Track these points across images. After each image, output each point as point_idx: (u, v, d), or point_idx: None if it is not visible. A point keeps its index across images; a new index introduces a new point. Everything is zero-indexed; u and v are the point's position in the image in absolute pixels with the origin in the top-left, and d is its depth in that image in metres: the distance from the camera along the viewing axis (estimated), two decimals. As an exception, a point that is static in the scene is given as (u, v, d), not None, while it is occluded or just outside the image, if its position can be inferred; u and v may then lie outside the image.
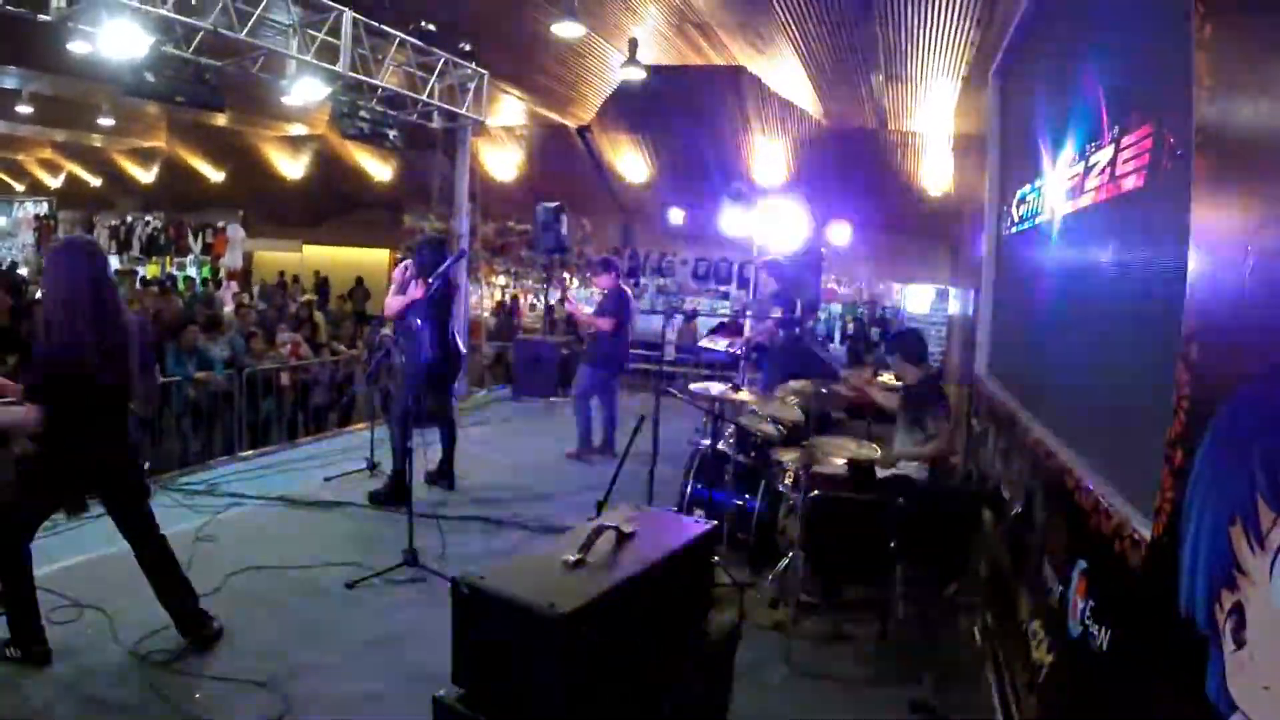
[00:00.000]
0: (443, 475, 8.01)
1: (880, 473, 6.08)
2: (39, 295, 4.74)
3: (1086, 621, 3.11)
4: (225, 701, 4.27)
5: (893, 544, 5.13)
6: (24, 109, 20.25)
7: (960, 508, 5.51)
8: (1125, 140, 3.46)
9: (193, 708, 4.19)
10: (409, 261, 7.62)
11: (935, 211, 16.86)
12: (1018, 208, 6.44)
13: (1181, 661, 2.10)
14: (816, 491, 5.61)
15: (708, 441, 6.84)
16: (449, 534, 6.65)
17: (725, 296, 20.65)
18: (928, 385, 6.24)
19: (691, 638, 2.87)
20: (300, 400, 11.99)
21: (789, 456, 6.02)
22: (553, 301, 16.56)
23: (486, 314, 21.38)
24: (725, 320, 18.54)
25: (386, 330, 8.62)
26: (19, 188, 33.48)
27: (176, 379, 9.81)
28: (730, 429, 6.61)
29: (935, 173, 16.83)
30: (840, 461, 5.99)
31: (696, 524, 2.97)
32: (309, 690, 4.43)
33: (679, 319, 18.69)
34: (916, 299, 19.26)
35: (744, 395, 6.37)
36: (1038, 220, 5.48)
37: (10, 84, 19.09)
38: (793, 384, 7.35)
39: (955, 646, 5.12)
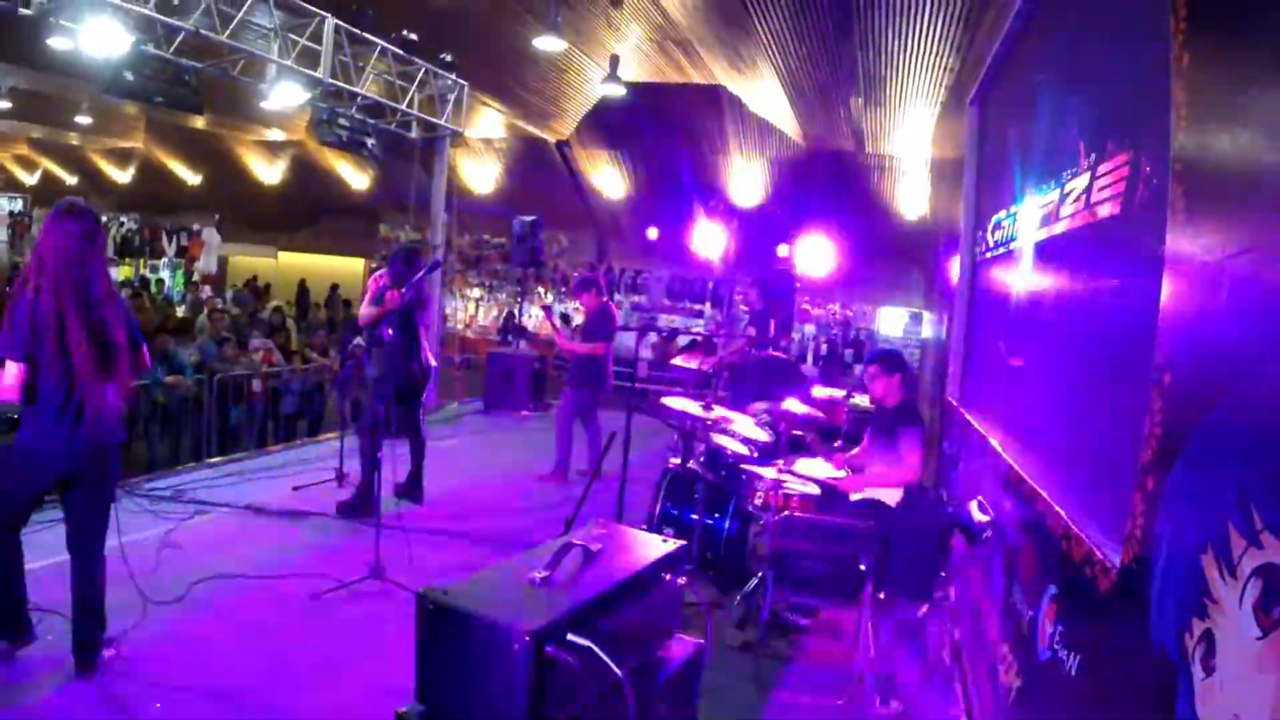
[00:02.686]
0: (412, 488, 7.92)
1: (852, 495, 6.09)
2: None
3: (1056, 646, 3.12)
4: (185, 711, 4.21)
5: (863, 566, 5.12)
6: (1, 103, 20.05)
7: (931, 530, 5.49)
8: (1101, 168, 3.48)
9: (152, 718, 4.12)
10: (383, 271, 7.58)
11: (911, 235, 16.95)
12: (992, 233, 6.48)
13: (1150, 689, 2.10)
14: (786, 512, 5.61)
15: (678, 460, 6.83)
16: (416, 547, 6.57)
17: (699, 315, 20.62)
18: (904, 408, 6.23)
19: (657, 658, 2.84)
20: (271, 408, 11.89)
21: (760, 475, 5.99)
22: (528, 320, 16.50)
23: (461, 327, 21.35)
24: (697, 339, 18.50)
25: (359, 340, 8.57)
26: (-10, 184, 33.26)
27: (145, 382, 9.69)
28: (701, 448, 6.59)
29: (912, 197, 16.94)
30: (811, 482, 6.00)
31: (664, 542, 2.94)
32: (270, 702, 4.37)
33: (652, 336, 18.67)
34: (890, 322, 19.32)
35: (716, 413, 6.34)
36: (1011, 246, 5.52)
37: (-11, 77, 18.96)
38: (760, 404, 7.38)
39: (925, 669, 5.11)
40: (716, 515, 6.35)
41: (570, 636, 2.27)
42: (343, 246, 24.66)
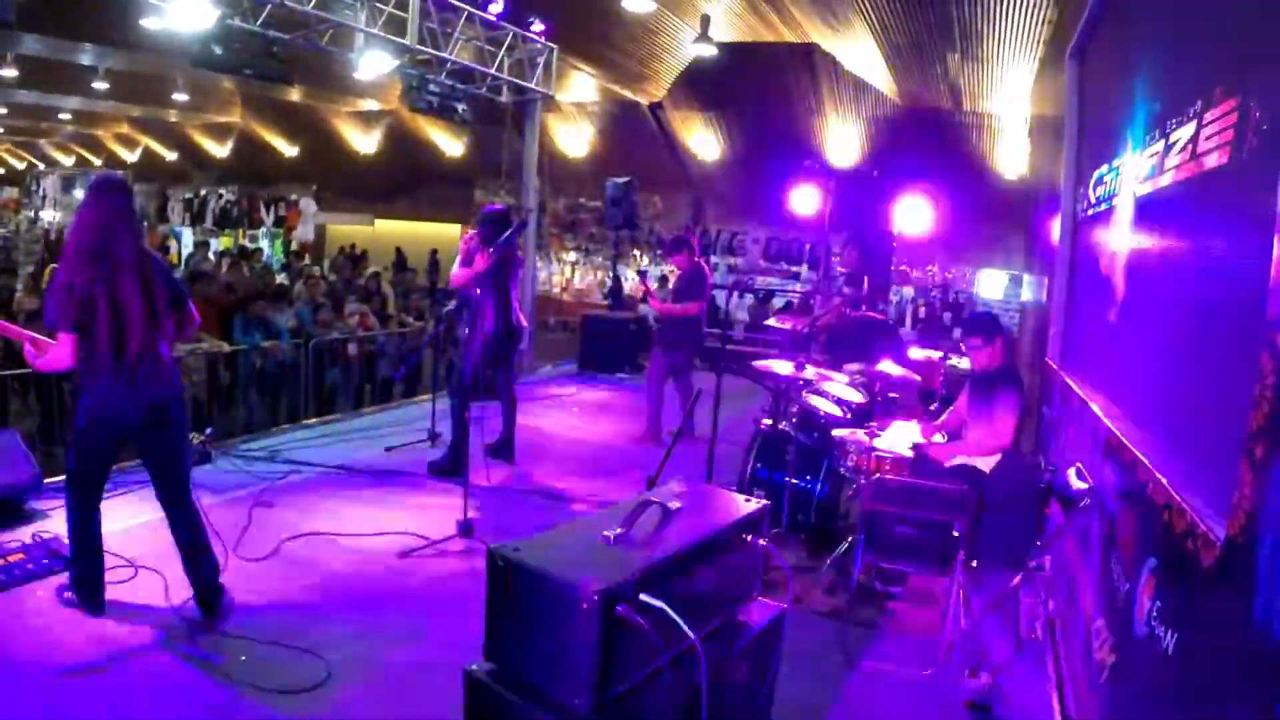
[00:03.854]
0: (503, 448, 7.97)
1: (947, 460, 5.94)
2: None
3: (1153, 622, 2.97)
4: (270, 666, 4.27)
5: (956, 533, 4.98)
6: (100, 85, 20.60)
7: (1027, 497, 5.33)
8: (1209, 115, 3.27)
9: (237, 671, 4.20)
10: (473, 233, 7.59)
11: (1011, 196, 16.49)
12: (1094, 190, 6.26)
13: (1254, 674, 1.97)
14: (879, 475, 5.48)
15: (770, 421, 6.72)
16: (505, 507, 6.64)
17: (795, 276, 20.38)
18: (1003, 371, 6.04)
19: (736, 622, 2.77)
20: (367, 371, 12.06)
21: (853, 438, 5.87)
22: (629, 283, 16.42)
23: (558, 290, 21.40)
24: (793, 300, 18.35)
25: (452, 303, 8.61)
26: (97, 162, 34.33)
27: (243, 348, 9.89)
28: (794, 409, 6.47)
29: (1012, 156, 16.46)
30: (906, 446, 5.86)
31: (747, 502, 2.87)
32: (353, 657, 4.42)
33: (749, 298, 18.51)
34: (990, 284, 18.87)
35: (809, 374, 6.21)
36: (1114, 202, 5.31)
37: (87, 60, 19.41)
38: (854, 365, 7.22)
39: (1016, 641, 4.96)
40: (808, 478, 6.24)
41: (642, 596, 2.21)
42: (439, 213, 24.79)
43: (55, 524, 5.44)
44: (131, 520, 5.69)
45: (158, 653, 4.34)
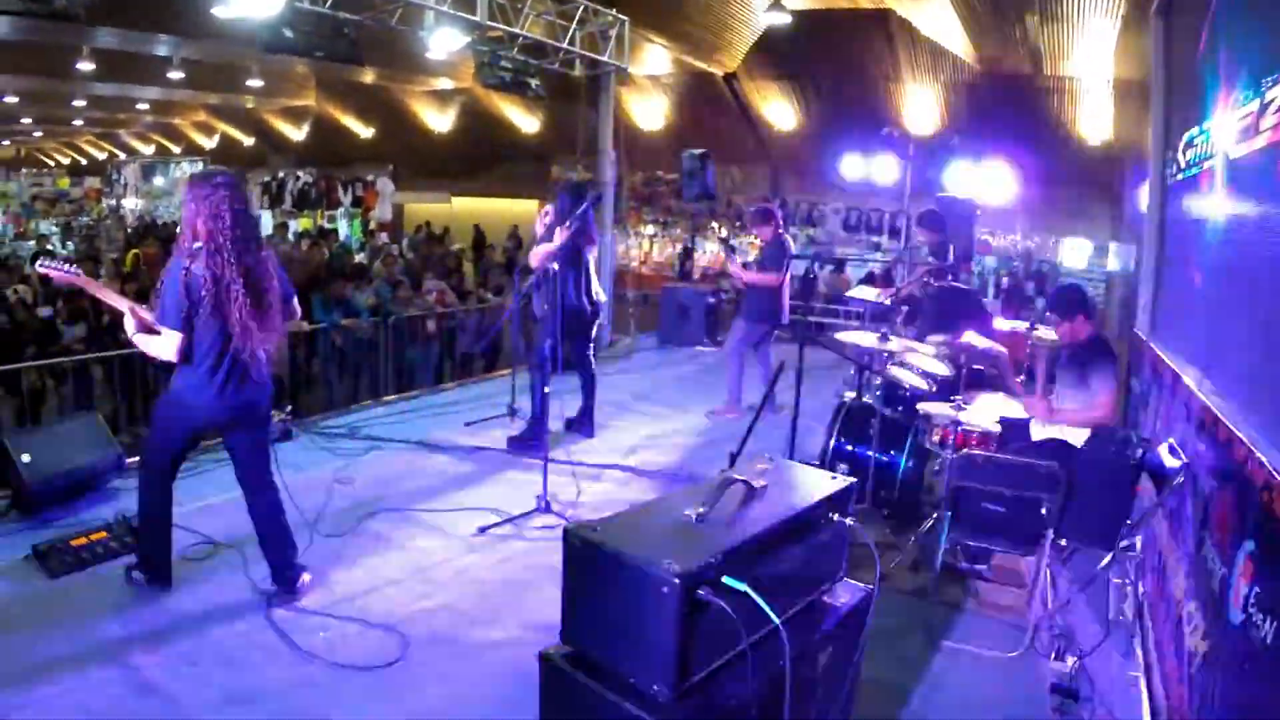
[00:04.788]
0: (582, 423, 7.94)
1: (1035, 433, 5.75)
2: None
3: (1250, 609, 2.82)
4: (347, 641, 4.29)
5: (1045, 510, 4.81)
6: (176, 74, 20.87)
7: (1119, 475, 5.13)
8: None
9: (315, 646, 4.21)
10: (549, 208, 7.54)
11: (1094, 162, 16.03)
12: (1184, 153, 6.02)
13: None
14: (966, 450, 5.32)
15: (853, 394, 6.57)
16: (585, 481, 6.58)
17: (877, 248, 20.08)
18: (1096, 343, 5.81)
19: (821, 604, 2.67)
20: (447, 348, 12.10)
21: (938, 411, 5.70)
22: (706, 255, 16.28)
23: (637, 263, 21.33)
24: (874, 271, 18.08)
25: (531, 278, 8.58)
26: (176, 150, 35.00)
27: (323, 326, 9.96)
28: (878, 382, 6.31)
29: (1094, 120, 15.93)
30: (993, 419, 5.68)
31: (832, 479, 2.75)
32: (430, 634, 4.41)
33: (828, 269, 18.26)
34: (1074, 253, 18.38)
35: (893, 345, 6.05)
36: (1205, 165, 5.06)
37: (162, 51, 19.67)
38: (938, 336, 7.03)
39: (1104, 624, 4.79)
40: (892, 452, 6.07)
41: (725, 579, 2.12)
42: (516, 189, 24.82)
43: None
44: (214, 498, 5.76)
45: (234, 627, 4.38)
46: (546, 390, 6.45)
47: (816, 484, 2.70)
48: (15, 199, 33.51)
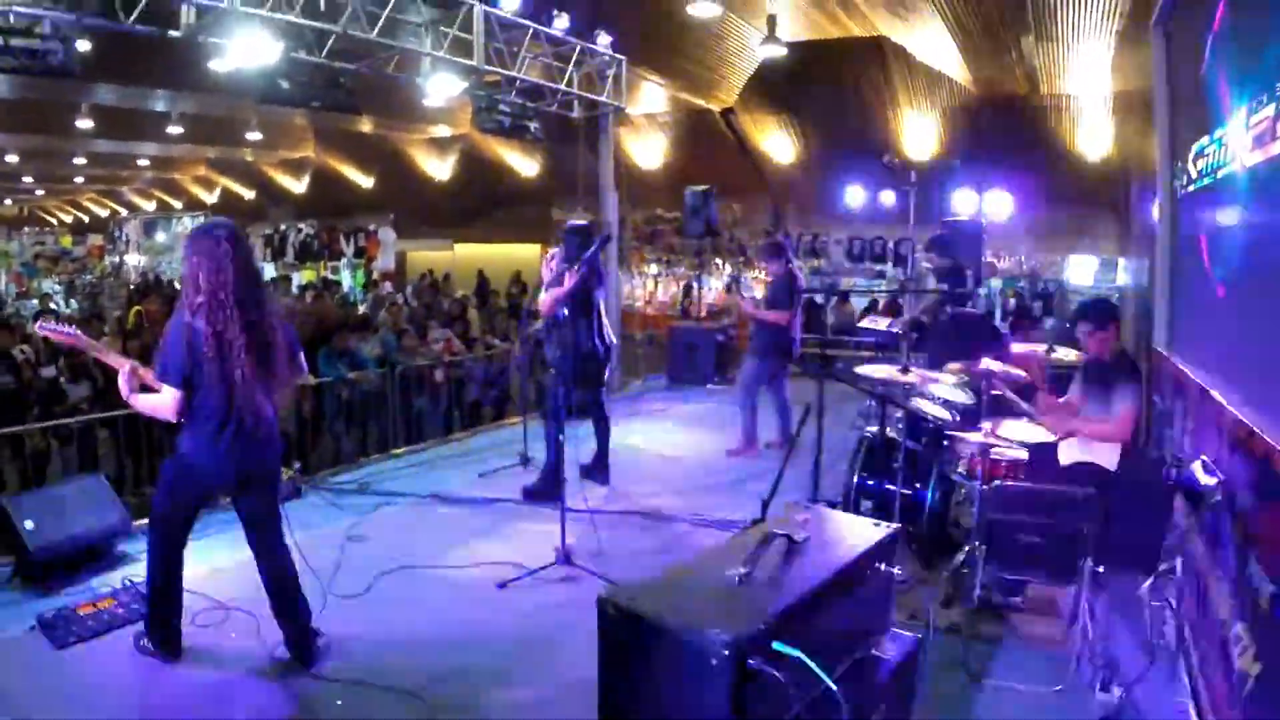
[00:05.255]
0: (598, 469, 7.77)
1: (1064, 459, 5.60)
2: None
3: None
4: (369, 708, 4.12)
5: (1082, 538, 4.65)
6: (175, 129, 20.99)
7: (1155, 497, 4.98)
8: None
9: (332, 715, 4.05)
10: (555, 252, 7.44)
11: (1096, 178, 16.04)
12: (1194, 164, 5.95)
13: None
14: (998, 481, 5.16)
15: (874, 428, 6.42)
16: (604, 530, 6.40)
17: (881, 275, 19.99)
18: (1119, 360, 5.69)
19: (871, 657, 2.51)
20: (455, 397, 11.96)
21: (964, 441, 5.54)
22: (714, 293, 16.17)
23: (641, 303, 21.24)
24: (879, 300, 17.99)
25: (538, 324, 8.46)
26: (177, 205, 35.05)
27: (329, 379, 9.83)
28: (898, 414, 6.16)
29: (1093, 137, 15.96)
30: (1021, 446, 5.53)
31: (874, 527, 2.60)
32: (456, 697, 4.25)
33: (833, 300, 18.15)
34: (1079, 270, 18.28)
35: (912, 377, 5.90)
36: (1220, 174, 4.97)
37: (160, 106, 19.80)
38: (955, 364, 6.88)
39: (1147, 651, 4.61)
40: (918, 486, 5.91)
41: (776, 645, 1.96)
42: (518, 234, 24.77)
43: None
44: (224, 560, 5.58)
45: (249, 697, 4.22)
46: (562, 438, 6.28)
47: (860, 534, 2.54)
48: (17, 258, 33.50)
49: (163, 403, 4.09)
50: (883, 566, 2.47)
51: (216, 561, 5.58)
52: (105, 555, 5.76)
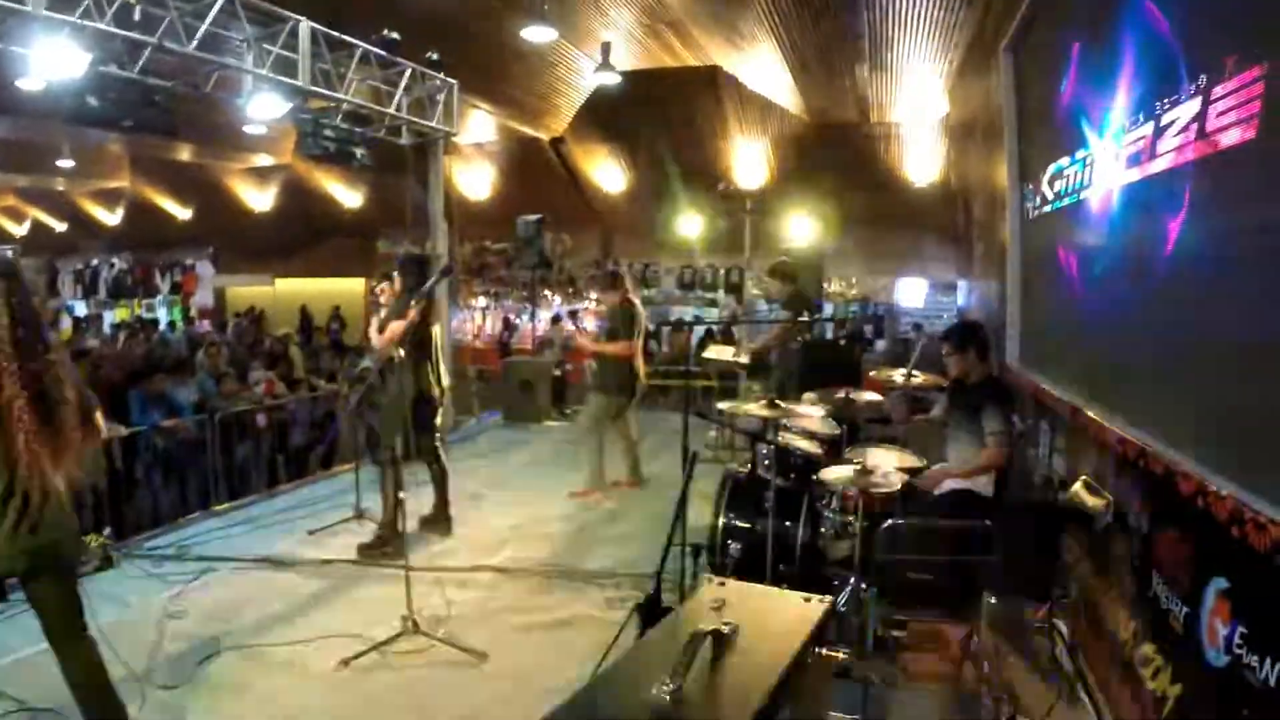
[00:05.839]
0: (439, 519, 7.27)
1: (938, 488, 5.43)
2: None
3: (1238, 650, 2.69)
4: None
5: (976, 570, 4.46)
6: None
7: (1043, 521, 4.85)
8: (1218, 89, 3.11)
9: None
10: (383, 285, 6.95)
11: (925, 202, 16.57)
12: (1049, 185, 6.02)
13: None
14: (872, 513, 4.92)
15: (735, 466, 6.12)
16: (452, 589, 5.92)
17: (713, 304, 20.00)
18: (986, 384, 5.56)
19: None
20: (279, 443, 11.20)
21: (834, 476, 5.28)
22: (543, 325, 15.80)
23: (470, 338, 20.78)
24: (714, 329, 17.95)
25: (367, 362, 7.90)
26: (-18, 238, 32.72)
27: (141, 429, 9.00)
28: (764, 449, 5.85)
29: (920, 162, 16.52)
30: (892, 478, 5.31)
31: (805, 603, 2.24)
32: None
33: (665, 330, 18.02)
34: (910, 292, 18.66)
35: (781, 410, 5.59)
36: (1083, 195, 5.10)
37: (-37, 128, 18.41)
38: (810, 394, 6.67)
39: (1047, 677, 4.44)
40: (787, 523, 5.60)
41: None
42: (341, 268, 23.99)
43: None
44: (23, 649, 4.79)
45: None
46: (401, 493, 5.76)
47: (793, 614, 2.17)
48: None
49: None
50: (823, 651, 2.10)
51: (17, 651, 4.81)
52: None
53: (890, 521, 4.82)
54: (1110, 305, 4.61)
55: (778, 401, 5.52)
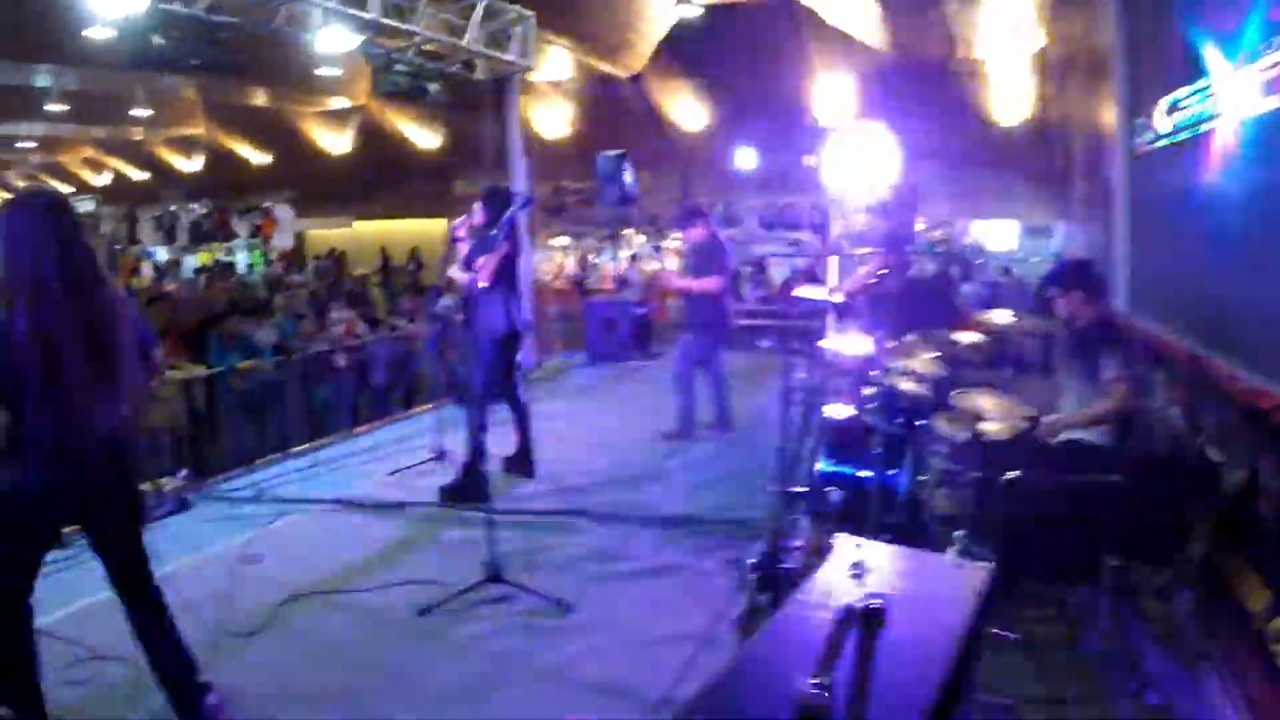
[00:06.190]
0: (521, 462, 7.01)
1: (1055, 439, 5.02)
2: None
3: None
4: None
5: (1093, 526, 4.06)
6: (57, 107, 19.87)
7: (1170, 477, 4.43)
8: None
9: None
10: (462, 220, 6.69)
11: (1012, 141, 15.88)
12: (1165, 117, 5.58)
13: None
14: (990, 465, 4.53)
15: (837, 408, 5.75)
16: (536, 534, 5.70)
17: (796, 244, 19.49)
18: (1105, 326, 5.11)
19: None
20: (360, 382, 11.09)
21: (946, 421, 4.91)
22: (623, 264, 15.50)
23: (550, 278, 20.59)
24: (799, 269, 17.55)
25: (446, 299, 7.65)
26: (67, 189, 33.20)
27: (219, 370, 8.90)
28: (873, 392, 5.47)
29: (1011, 100, 15.82)
30: (1000, 426, 4.92)
31: (959, 568, 1.90)
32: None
33: (748, 270, 17.65)
34: (998, 236, 17.98)
35: (886, 348, 5.23)
36: (1208, 126, 4.73)
37: (41, 82, 18.63)
38: (911, 335, 6.28)
39: (1183, 652, 4.06)
40: (891, 471, 5.24)
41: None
42: (419, 209, 23.90)
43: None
44: (95, 594, 4.53)
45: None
46: (482, 432, 5.50)
47: (947, 581, 1.83)
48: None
49: None
50: (993, 630, 1.77)
51: (88, 595, 4.59)
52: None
53: (1013, 473, 4.41)
54: (1241, 246, 4.20)
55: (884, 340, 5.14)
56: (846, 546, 1.95)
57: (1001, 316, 6.49)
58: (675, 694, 3.76)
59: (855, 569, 1.81)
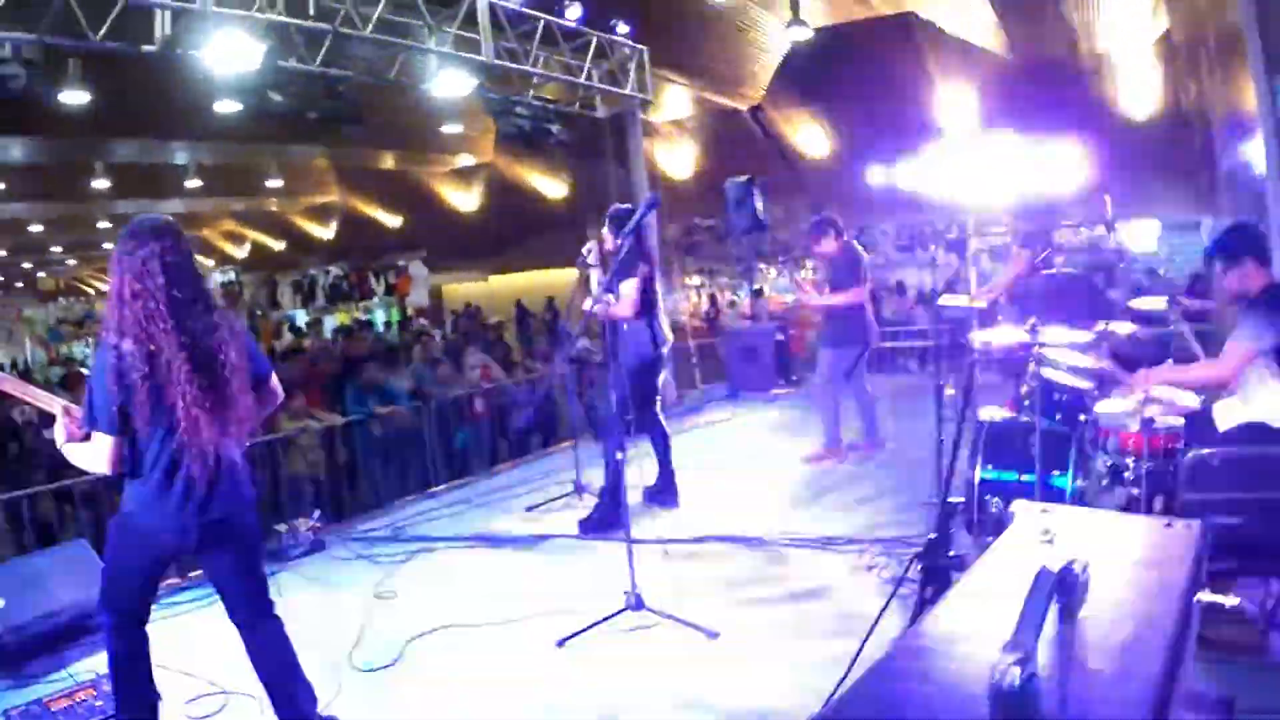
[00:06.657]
0: (664, 491, 6.76)
1: (1224, 423, 4.54)
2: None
3: None
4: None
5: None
6: (194, 183, 20.78)
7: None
8: None
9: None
10: (592, 245, 6.57)
11: (1144, 136, 15.16)
12: None
13: None
14: (1194, 453, 4.11)
15: (994, 413, 5.37)
16: (679, 563, 5.46)
17: (932, 263, 18.88)
18: (1270, 291, 4.60)
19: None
20: (499, 426, 11.05)
21: (1114, 407, 4.49)
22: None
23: (686, 316, 20.47)
24: (935, 287, 17.01)
25: (584, 342, 7.53)
26: (209, 263, 34.68)
27: (356, 418, 8.95)
28: (1031, 388, 5.07)
29: (1138, 93, 15.16)
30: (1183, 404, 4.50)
31: (1167, 527, 1.59)
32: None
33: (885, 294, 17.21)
34: (1140, 237, 17.12)
35: (1045, 339, 4.83)
36: None
37: (177, 159, 19.52)
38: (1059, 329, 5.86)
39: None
40: (1054, 472, 4.84)
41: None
42: (552, 260, 24.09)
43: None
44: (220, 633, 4.56)
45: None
46: (621, 456, 5.28)
47: (1150, 543, 1.52)
48: (42, 323, 33.36)
49: (94, 454, 3.17)
50: (1212, 598, 1.45)
51: (213, 634, 4.46)
52: (89, 633, 4.80)
53: (1195, 453, 3.98)
54: None
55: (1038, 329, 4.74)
56: (1029, 513, 1.65)
57: (1156, 302, 6.06)
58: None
59: (1043, 534, 1.52)
